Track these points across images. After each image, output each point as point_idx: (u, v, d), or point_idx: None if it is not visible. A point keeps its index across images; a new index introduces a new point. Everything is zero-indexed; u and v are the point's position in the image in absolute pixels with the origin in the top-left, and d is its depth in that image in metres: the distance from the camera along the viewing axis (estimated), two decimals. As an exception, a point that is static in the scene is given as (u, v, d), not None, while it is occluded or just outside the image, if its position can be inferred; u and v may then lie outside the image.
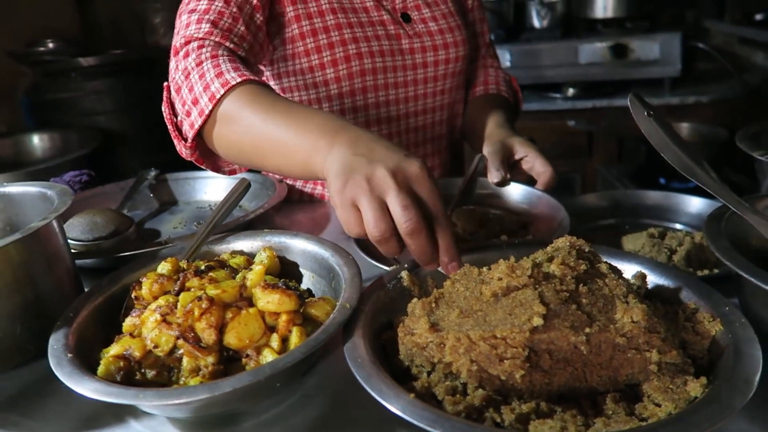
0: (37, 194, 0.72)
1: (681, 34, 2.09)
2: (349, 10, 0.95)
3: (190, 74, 0.76)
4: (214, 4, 0.84)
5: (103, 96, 2.07)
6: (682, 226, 0.84)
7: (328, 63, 0.94)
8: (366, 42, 0.95)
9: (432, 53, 1.01)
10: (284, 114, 0.67)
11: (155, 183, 1.15)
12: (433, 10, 1.02)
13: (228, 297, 0.54)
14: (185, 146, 0.77)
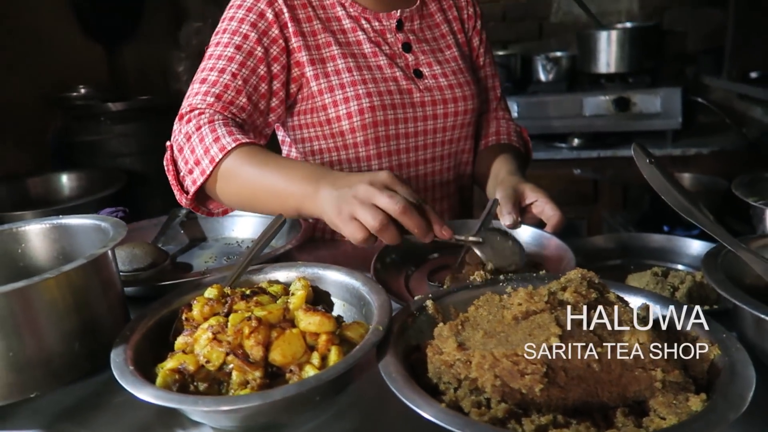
0: (91, 226, 0.79)
1: (681, 89, 2.19)
2: (363, 68, 1.03)
3: (191, 137, 0.88)
4: (222, 76, 0.94)
5: (129, 139, 2.17)
6: (684, 267, 0.89)
7: (344, 115, 1.02)
8: (379, 96, 1.02)
9: (442, 106, 1.08)
10: (275, 167, 0.81)
11: (186, 220, 1.22)
12: (444, 67, 1.10)
13: (273, 318, 0.60)
14: (186, 197, 0.90)
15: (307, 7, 1.03)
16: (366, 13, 1.06)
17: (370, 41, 1.05)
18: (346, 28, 1.05)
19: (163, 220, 1.21)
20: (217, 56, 0.96)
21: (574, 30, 2.65)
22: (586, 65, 2.42)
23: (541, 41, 2.75)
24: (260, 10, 0.99)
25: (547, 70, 2.53)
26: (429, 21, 1.14)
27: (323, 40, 1.02)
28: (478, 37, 1.22)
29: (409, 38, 1.09)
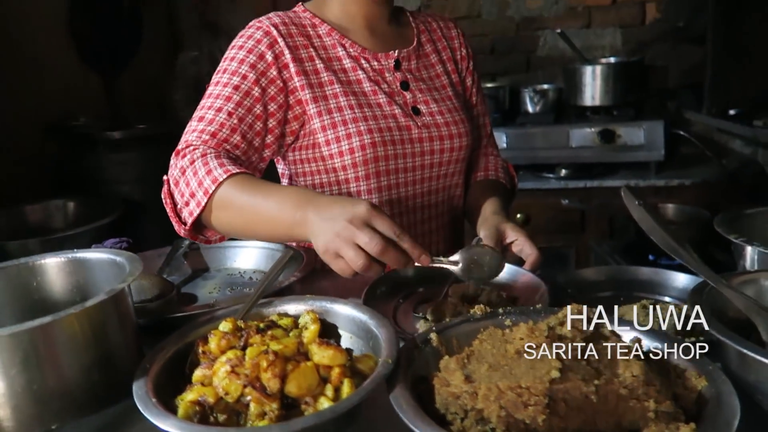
0: (107, 260, 0.82)
1: (664, 122, 2.27)
2: (364, 105, 1.08)
3: (186, 171, 0.93)
4: (218, 115, 0.99)
5: (127, 167, 2.21)
6: (671, 299, 0.94)
7: (345, 151, 1.06)
8: (380, 132, 1.06)
9: (438, 142, 1.13)
10: (265, 194, 0.86)
11: (189, 251, 1.25)
12: (440, 105, 1.15)
13: (288, 351, 0.64)
14: (184, 228, 0.95)
15: (308, 47, 1.08)
16: (365, 53, 1.12)
17: (369, 80, 1.10)
18: (347, 67, 1.10)
19: (166, 251, 1.24)
20: (216, 95, 1.01)
21: (560, 63, 2.74)
22: (572, 98, 2.51)
23: (529, 74, 2.84)
24: (260, 52, 1.03)
25: (535, 102, 2.61)
26: (425, 61, 1.19)
27: (325, 79, 1.07)
28: (471, 77, 1.28)
29: (406, 77, 1.14)
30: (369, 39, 1.13)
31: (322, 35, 1.10)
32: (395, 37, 1.17)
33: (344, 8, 1.12)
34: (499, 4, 2.81)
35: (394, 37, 1.17)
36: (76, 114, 2.33)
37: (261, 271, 1.20)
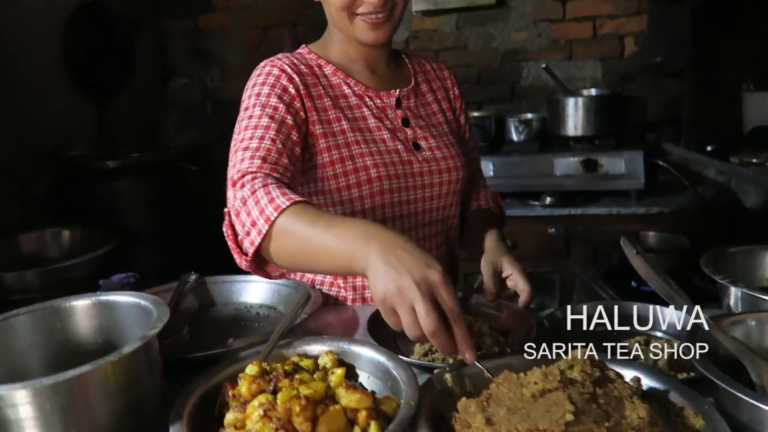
0: (132, 304, 0.85)
1: (644, 152, 2.37)
2: (369, 141, 1.14)
3: (247, 201, 0.91)
4: (263, 142, 1.01)
5: (122, 195, 2.22)
6: (661, 334, 1.00)
7: (353, 184, 1.12)
8: (384, 167, 1.13)
9: (437, 175, 1.20)
10: (327, 225, 0.81)
11: (196, 285, 1.28)
12: (438, 141, 1.22)
13: (318, 395, 0.68)
14: (245, 260, 0.91)
15: (318, 85, 1.14)
16: (369, 91, 1.18)
17: (374, 116, 1.17)
18: (353, 104, 1.17)
19: (172, 286, 1.27)
20: (254, 126, 1.03)
21: (543, 93, 2.84)
22: (555, 128, 2.60)
23: (513, 103, 2.93)
24: (283, 86, 1.09)
25: (519, 131, 2.70)
26: (422, 99, 1.27)
27: (333, 116, 1.13)
28: (464, 115, 1.36)
29: (407, 114, 1.21)
30: (371, 78, 1.20)
31: (328, 75, 1.17)
32: (394, 77, 1.24)
33: (345, 51, 1.18)
34: (484, 36, 2.91)
35: (393, 77, 1.24)
36: (70, 143, 2.34)
37: (267, 305, 1.24)
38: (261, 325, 1.16)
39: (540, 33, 2.86)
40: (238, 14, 3.13)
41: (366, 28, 1.09)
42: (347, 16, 1.09)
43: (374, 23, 1.08)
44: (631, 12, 2.74)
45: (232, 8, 3.13)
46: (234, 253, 0.93)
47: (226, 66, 3.19)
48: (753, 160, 1.50)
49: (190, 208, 2.48)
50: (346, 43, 1.17)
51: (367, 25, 1.09)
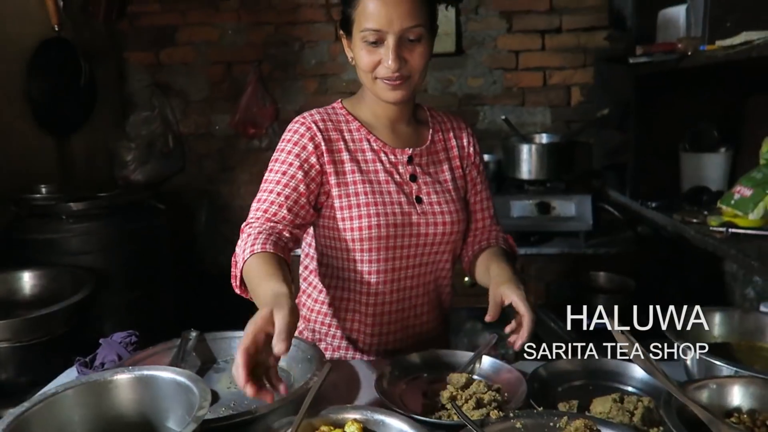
0: (171, 380, 0.91)
1: (591, 196, 2.59)
2: (377, 192, 1.29)
3: (240, 243, 1.19)
4: (270, 196, 1.24)
5: (90, 237, 2.21)
6: (633, 389, 1.15)
7: (356, 228, 1.27)
8: (385, 216, 1.28)
9: (433, 227, 1.33)
10: (262, 274, 1.08)
11: (197, 343, 1.33)
12: (440, 196, 1.35)
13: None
14: (235, 287, 1.21)
15: (339, 140, 1.30)
16: (385, 147, 1.33)
17: (385, 171, 1.32)
18: (368, 158, 1.32)
19: (172, 344, 1.31)
20: (269, 181, 1.27)
21: (498, 136, 3.03)
22: (510, 171, 2.78)
23: (470, 144, 3.10)
24: (303, 144, 1.27)
25: (477, 172, 2.86)
26: (434, 158, 1.39)
27: (348, 168, 1.29)
28: (476, 169, 1.46)
29: (416, 170, 1.35)
30: (390, 136, 1.35)
31: (353, 130, 1.33)
32: (412, 135, 1.38)
33: (372, 108, 1.34)
34: (443, 82, 3.08)
35: (411, 135, 1.38)
36: (31, 182, 2.30)
37: (266, 360, 1.31)
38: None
39: (495, 80, 3.06)
40: (201, 49, 3.16)
41: (386, 88, 1.25)
42: (371, 78, 1.25)
43: (392, 85, 1.24)
44: (578, 65, 2.98)
45: (196, 43, 3.16)
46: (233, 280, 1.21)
47: (188, 99, 3.21)
48: (693, 220, 1.70)
49: (158, 248, 2.49)
50: (374, 102, 1.33)
51: (387, 86, 1.24)
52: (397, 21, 1.18)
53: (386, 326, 1.37)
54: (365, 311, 1.35)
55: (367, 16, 1.20)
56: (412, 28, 1.20)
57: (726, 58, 1.36)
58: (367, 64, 1.23)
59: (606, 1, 2.83)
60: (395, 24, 1.18)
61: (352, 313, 1.37)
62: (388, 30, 1.19)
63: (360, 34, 1.22)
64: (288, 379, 1.23)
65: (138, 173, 2.95)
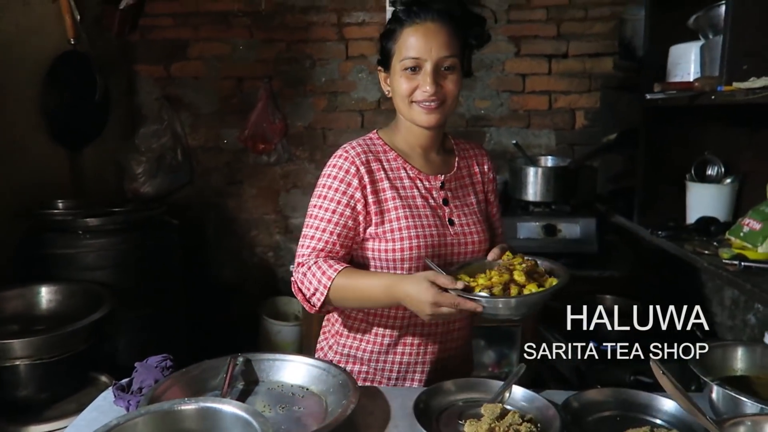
0: (233, 413, 0.94)
1: (596, 220, 2.65)
2: (415, 216, 1.38)
3: (306, 275, 1.33)
4: (323, 234, 1.36)
5: (107, 252, 2.22)
6: (661, 422, 1.20)
7: (398, 249, 1.36)
8: (424, 238, 1.37)
9: (464, 246, 1.42)
10: (364, 283, 1.30)
11: (244, 369, 1.35)
12: (468, 219, 1.44)
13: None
14: (314, 309, 1.34)
15: (380, 170, 1.40)
16: (420, 174, 1.43)
17: (421, 196, 1.41)
18: (406, 186, 1.41)
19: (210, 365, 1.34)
20: (320, 218, 1.37)
21: (504, 157, 3.10)
22: (517, 192, 2.84)
23: (476, 164, 3.16)
24: (348, 181, 1.37)
25: (484, 193, 2.92)
26: (460, 182, 1.49)
27: (390, 195, 1.39)
28: (493, 193, 1.58)
29: (447, 195, 1.45)
30: (423, 164, 1.45)
31: (390, 159, 1.42)
32: (442, 163, 1.49)
33: (407, 138, 1.45)
34: (451, 102, 3.13)
35: (441, 163, 1.48)
36: (45, 196, 2.31)
37: (299, 386, 1.34)
38: (302, 408, 1.26)
39: (502, 102, 3.12)
40: (212, 64, 3.19)
41: (422, 112, 1.35)
42: (408, 103, 1.35)
43: (428, 109, 1.34)
44: (583, 90, 3.06)
45: (207, 58, 3.18)
46: (304, 305, 1.36)
47: (198, 113, 3.23)
48: (705, 251, 1.76)
49: (171, 263, 2.50)
50: (408, 131, 1.43)
51: (423, 110, 1.35)
52: (435, 50, 1.30)
53: (425, 343, 1.43)
54: (399, 325, 1.41)
55: (408, 47, 1.32)
56: (447, 57, 1.32)
57: (747, 101, 1.43)
58: (406, 89, 1.34)
59: (614, 30, 2.91)
60: (433, 53, 1.30)
61: (383, 327, 1.42)
62: (427, 58, 1.31)
63: (400, 63, 1.33)
64: (321, 404, 1.27)
65: (147, 186, 2.96)
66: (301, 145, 3.24)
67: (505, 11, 3.03)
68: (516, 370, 1.27)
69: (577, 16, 3.01)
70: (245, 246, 3.27)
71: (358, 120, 3.20)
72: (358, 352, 1.45)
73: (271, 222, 3.29)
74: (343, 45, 3.12)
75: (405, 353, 1.42)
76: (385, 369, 1.43)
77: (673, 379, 0.98)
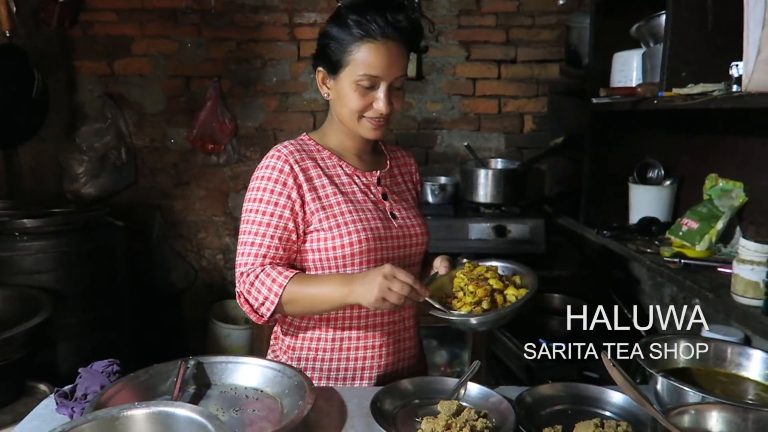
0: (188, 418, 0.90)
1: (544, 221, 2.72)
2: (359, 210, 1.37)
3: (254, 284, 1.29)
4: (264, 239, 1.32)
5: (45, 255, 2.12)
6: (611, 414, 1.23)
7: (347, 244, 1.33)
8: (371, 231, 1.35)
9: (409, 239, 1.43)
10: (317, 285, 1.28)
11: (196, 372, 1.31)
12: (408, 213, 1.46)
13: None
14: (262, 320, 1.31)
15: (316, 167, 1.38)
16: (357, 171, 1.42)
17: (361, 191, 1.40)
18: (345, 181, 1.40)
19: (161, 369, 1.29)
20: (258, 222, 1.33)
21: (454, 159, 3.14)
22: (467, 194, 2.88)
23: (428, 166, 3.20)
24: (283, 180, 1.33)
25: (435, 194, 2.95)
26: (395, 179, 1.51)
27: (330, 191, 1.37)
28: (419, 195, 1.62)
29: (385, 190, 1.45)
30: (358, 162, 1.45)
31: (325, 158, 1.41)
32: (375, 161, 1.49)
33: (341, 141, 1.44)
34: (404, 106, 3.14)
35: (374, 161, 1.49)
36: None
37: (253, 388, 1.31)
38: (257, 411, 1.23)
39: (453, 106, 3.16)
40: (158, 62, 3.10)
41: (370, 128, 1.35)
42: (357, 117, 1.34)
43: (377, 125, 1.35)
44: (531, 95, 3.14)
45: (153, 55, 3.09)
46: (252, 317, 1.33)
47: (143, 112, 3.13)
48: (648, 250, 1.84)
49: (115, 266, 2.41)
50: (343, 135, 1.43)
51: (372, 125, 1.35)
52: (394, 70, 1.31)
53: (378, 344, 1.41)
54: (357, 326, 1.40)
55: (368, 64, 1.29)
56: (400, 77, 1.33)
57: (686, 106, 1.50)
58: (359, 106, 1.32)
59: (561, 37, 3.00)
60: (391, 73, 1.31)
61: (340, 330, 1.40)
62: (384, 78, 1.30)
63: (355, 77, 1.31)
64: (277, 406, 1.25)
65: (89, 186, 2.85)
66: (252, 146, 3.19)
67: (456, 16, 3.08)
68: (471, 367, 1.29)
69: (525, 23, 3.09)
70: (193, 248, 3.19)
71: (310, 121, 3.18)
72: (310, 353, 1.42)
73: (220, 224, 3.22)
74: (295, 45, 3.09)
75: (358, 356, 1.40)
76: (339, 368, 1.41)
77: (623, 371, 1.01)
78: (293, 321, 1.43)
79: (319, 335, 1.41)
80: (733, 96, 1.36)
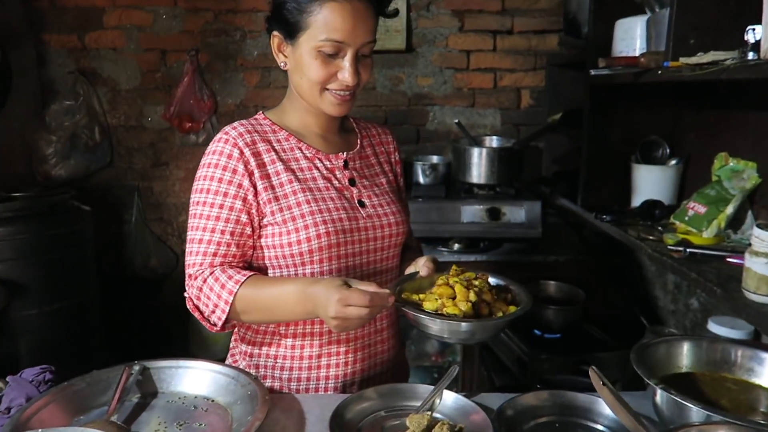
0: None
1: (540, 203, 2.56)
2: (319, 200, 1.20)
3: (203, 289, 1.16)
4: (214, 236, 1.17)
5: (3, 243, 1.98)
6: (602, 427, 1.09)
7: (303, 240, 1.18)
8: (332, 223, 1.19)
9: (380, 230, 1.26)
10: (272, 293, 1.13)
11: (141, 378, 1.18)
12: (380, 199, 1.29)
13: None
14: (214, 328, 1.18)
15: (270, 151, 1.21)
16: (319, 154, 1.25)
17: (323, 177, 1.24)
18: (303, 167, 1.23)
19: (105, 376, 1.16)
20: (206, 216, 1.18)
21: (447, 137, 2.97)
22: (460, 174, 2.71)
23: (419, 145, 3.03)
24: (233, 167, 1.17)
25: (426, 174, 2.79)
26: (366, 161, 1.34)
27: (285, 178, 1.20)
28: (401, 176, 1.45)
29: (353, 174, 1.28)
30: (322, 143, 1.28)
31: (281, 140, 1.24)
32: (343, 141, 1.32)
33: (302, 118, 1.27)
34: (392, 80, 2.97)
35: (342, 141, 1.32)
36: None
37: (203, 397, 1.18)
38: (203, 426, 1.10)
39: (446, 80, 2.98)
40: (132, 34, 2.92)
41: (334, 102, 1.19)
42: (318, 90, 1.18)
43: (342, 99, 1.19)
44: (528, 68, 2.95)
45: (126, 27, 2.91)
46: (204, 324, 1.20)
47: (117, 89, 2.96)
48: (650, 237, 1.68)
49: (83, 254, 2.27)
50: (305, 112, 1.26)
51: (336, 100, 1.19)
52: (361, 35, 1.14)
53: (344, 346, 1.26)
54: (319, 331, 1.25)
55: (330, 27, 1.12)
56: (369, 43, 1.16)
57: (694, 78, 1.33)
58: (321, 75, 1.16)
59: (560, 5, 2.80)
60: (358, 37, 1.14)
61: (301, 337, 1.25)
62: (351, 43, 1.14)
63: (316, 43, 1.13)
64: (226, 418, 1.11)
65: (60, 168, 2.70)
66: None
67: (449, -18, 2.88)
68: (448, 372, 1.14)
69: (522, -10, 2.89)
70: (173, 232, 3.04)
71: (295, 97, 3.00)
72: (269, 360, 1.27)
73: (201, 206, 3.06)
74: (277, 16, 2.90)
75: (322, 364, 1.25)
76: (301, 378, 1.26)
77: (614, 389, 0.86)
78: (251, 325, 1.29)
79: (278, 341, 1.26)
80: (749, 65, 1.19)
